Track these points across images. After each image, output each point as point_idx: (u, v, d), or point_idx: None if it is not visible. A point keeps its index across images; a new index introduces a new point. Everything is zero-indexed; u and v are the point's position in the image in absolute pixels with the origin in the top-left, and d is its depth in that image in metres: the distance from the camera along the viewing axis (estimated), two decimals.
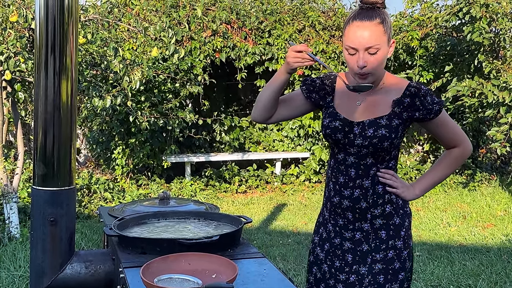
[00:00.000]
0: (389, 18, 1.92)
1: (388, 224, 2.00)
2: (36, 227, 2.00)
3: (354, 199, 1.99)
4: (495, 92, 6.55)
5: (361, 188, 1.98)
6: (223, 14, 7.89)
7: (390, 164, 2.01)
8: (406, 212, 2.05)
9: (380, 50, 1.87)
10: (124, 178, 7.82)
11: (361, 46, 1.86)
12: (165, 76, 7.32)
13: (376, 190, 1.98)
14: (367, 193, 1.97)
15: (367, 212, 1.99)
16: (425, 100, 1.94)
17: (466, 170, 8.87)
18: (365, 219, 1.99)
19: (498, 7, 6.89)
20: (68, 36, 1.94)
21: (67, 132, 1.98)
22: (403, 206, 2.04)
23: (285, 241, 5.58)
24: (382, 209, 1.99)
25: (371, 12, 1.87)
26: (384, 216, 2.00)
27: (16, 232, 5.16)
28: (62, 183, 1.99)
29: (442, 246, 5.44)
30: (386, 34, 1.88)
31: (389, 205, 2.00)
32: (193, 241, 1.80)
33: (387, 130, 1.93)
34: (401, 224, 2.02)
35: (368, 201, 1.98)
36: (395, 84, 1.99)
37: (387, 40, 1.89)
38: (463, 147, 2.07)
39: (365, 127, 1.95)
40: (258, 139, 9.23)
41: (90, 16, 5.33)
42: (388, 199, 2.00)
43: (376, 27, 1.86)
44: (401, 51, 8.43)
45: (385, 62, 1.94)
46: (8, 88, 5.17)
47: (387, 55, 1.92)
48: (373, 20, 1.86)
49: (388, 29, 1.88)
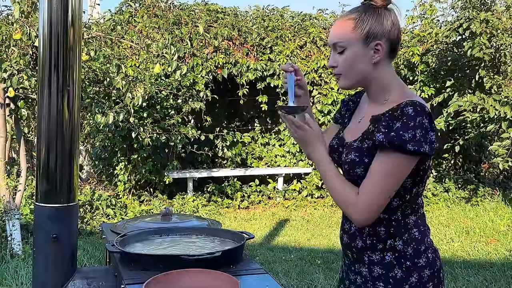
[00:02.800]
0: (378, 17, 1.64)
1: (387, 276, 1.66)
2: (39, 243, 2.00)
3: (351, 235, 1.73)
4: (496, 107, 6.56)
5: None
6: (225, 31, 7.95)
7: (393, 201, 1.63)
8: (417, 265, 1.64)
9: (348, 50, 1.64)
10: (126, 194, 7.82)
11: (329, 42, 1.70)
12: (168, 92, 7.36)
13: (376, 231, 1.66)
14: (362, 230, 1.68)
15: (363, 254, 1.69)
16: (400, 122, 1.55)
17: (469, 185, 8.85)
18: (363, 262, 1.70)
19: (498, 23, 6.93)
20: (72, 54, 1.95)
21: (69, 148, 1.99)
22: (413, 256, 1.65)
23: (287, 257, 5.56)
24: (381, 256, 1.66)
25: (357, 8, 1.67)
26: (383, 265, 1.66)
27: (18, 249, 5.15)
28: (64, 200, 1.99)
29: (446, 262, 5.41)
30: (356, 31, 1.62)
31: (390, 253, 1.65)
32: (195, 257, 1.79)
33: (357, 154, 1.64)
34: (403, 279, 1.64)
35: (365, 241, 1.68)
36: (397, 101, 1.63)
37: (360, 39, 1.62)
38: (356, 202, 1.60)
39: (346, 151, 1.71)
40: (260, 155, 9.24)
41: (93, 34, 5.38)
42: (390, 246, 1.65)
43: (344, 23, 1.65)
44: (402, 66, 8.47)
45: (362, 65, 1.65)
46: (12, 105, 5.20)
47: (363, 58, 1.64)
48: (346, 16, 1.66)
49: (363, 27, 1.62)
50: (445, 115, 7.44)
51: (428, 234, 1.73)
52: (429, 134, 1.55)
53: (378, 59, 1.65)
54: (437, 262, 1.70)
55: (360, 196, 1.60)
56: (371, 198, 1.58)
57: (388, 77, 1.69)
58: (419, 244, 1.66)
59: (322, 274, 4.94)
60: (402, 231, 1.66)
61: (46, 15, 1.92)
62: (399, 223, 1.66)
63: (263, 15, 8.94)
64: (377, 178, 1.57)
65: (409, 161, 1.56)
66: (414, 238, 1.66)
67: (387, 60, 1.68)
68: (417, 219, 1.70)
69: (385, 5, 1.65)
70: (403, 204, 1.65)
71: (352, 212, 1.62)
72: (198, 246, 2.06)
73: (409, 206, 1.67)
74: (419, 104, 1.56)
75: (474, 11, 7.16)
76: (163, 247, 2.06)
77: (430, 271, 1.66)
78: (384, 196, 1.58)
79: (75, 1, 1.95)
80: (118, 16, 7.67)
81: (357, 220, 1.62)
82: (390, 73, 1.70)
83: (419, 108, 1.55)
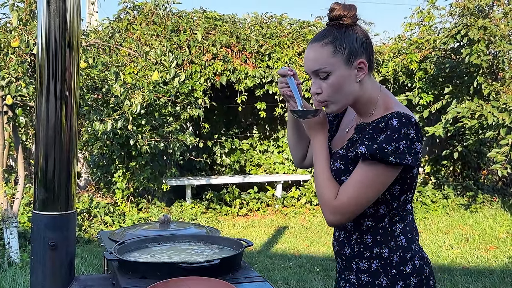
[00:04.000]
0: (353, 35, 1.62)
1: (373, 284, 1.67)
2: (36, 251, 1.99)
3: (340, 243, 1.75)
4: (495, 114, 6.57)
5: (345, 230, 1.73)
6: (223, 38, 7.96)
7: (380, 209, 1.65)
8: (403, 273, 1.65)
9: (332, 75, 1.60)
10: (124, 201, 7.80)
11: (308, 70, 1.64)
12: (166, 99, 7.36)
13: (363, 239, 1.68)
14: (350, 238, 1.71)
15: (351, 261, 1.72)
16: (384, 135, 1.55)
17: (468, 191, 8.85)
18: (351, 269, 1.73)
19: (496, 30, 6.95)
20: (70, 61, 1.95)
21: (68, 156, 1.98)
22: (399, 264, 1.65)
23: (286, 264, 5.54)
24: (368, 264, 1.68)
25: (328, 30, 1.63)
26: (370, 273, 1.68)
27: (16, 257, 5.13)
28: (62, 208, 1.98)
29: (445, 269, 5.39)
30: (338, 54, 1.59)
31: (377, 261, 1.66)
32: (193, 265, 1.78)
33: (343, 163, 1.66)
34: (389, 287, 1.66)
35: (352, 249, 1.70)
36: (382, 113, 1.63)
37: (342, 62, 1.59)
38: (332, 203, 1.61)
39: (333, 159, 1.72)
40: (258, 162, 9.23)
41: (91, 41, 5.38)
42: (377, 254, 1.66)
43: (322, 48, 1.60)
44: (401, 73, 8.48)
45: (349, 87, 1.63)
46: (10, 112, 5.19)
47: (349, 79, 1.61)
48: (321, 40, 1.61)
49: (343, 49, 1.59)
50: (444, 121, 7.45)
51: (417, 241, 1.72)
52: (414, 144, 1.55)
53: (363, 77, 1.64)
54: (426, 269, 1.69)
55: (338, 198, 1.60)
56: (347, 203, 1.59)
57: (371, 90, 1.68)
58: (406, 252, 1.66)
59: (321, 282, 4.92)
60: (389, 239, 1.66)
61: (44, 22, 1.92)
62: (385, 231, 1.66)
63: (261, 22, 8.96)
64: (357, 185, 1.58)
65: (391, 172, 1.57)
66: (400, 245, 1.66)
67: (368, 74, 1.66)
68: (405, 227, 1.69)
69: (354, 22, 1.63)
70: (390, 212, 1.66)
71: (326, 211, 1.63)
72: (197, 254, 2.06)
73: (397, 213, 1.67)
74: (404, 115, 1.56)
75: (472, 18, 7.18)
76: (162, 255, 2.05)
77: (417, 278, 1.66)
78: (361, 203, 1.59)
79: (74, 9, 1.95)
80: (116, 24, 7.68)
81: (329, 219, 1.64)
82: (372, 86, 1.69)
83: (404, 119, 1.55)
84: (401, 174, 1.60)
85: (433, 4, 8.02)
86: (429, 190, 8.69)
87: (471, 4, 7.26)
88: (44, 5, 1.88)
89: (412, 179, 1.65)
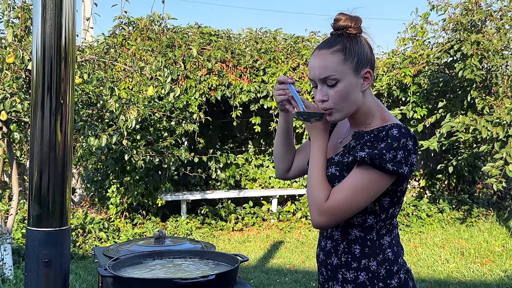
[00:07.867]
0: (360, 45, 1.64)
1: None
2: (30, 268, 1.97)
3: (326, 252, 1.74)
4: (488, 128, 6.60)
5: (332, 240, 1.72)
6: (218, 53, 8.00)
7: (368, 219, 1.66)
8: (389, 286, 1.65)
9: (341, 82, 1.61)
10: (119, 217, 7.76)
11: (315, 77, 1.64)
12: (161, 114, 7.37)
13: (351, 249, 1.67)
14: (337, 247, 1.70)
15: (338, 271, 1.70)
16: (384, 143, 1.57)
17: (463, 205, 8.85)
18: (337, 279, 1.71)
19: (489, 45, 7.01)
20: (65, 77, 1.96)
21: (62, 172, 1.98)
22: (385, 277, 1.65)
23: (282, 279, 5.52)
24: (355, 275, 1.67)
25: (335, 39, 1.64)
26: (356, 285, 1.67)
27: (9, 273, 5.08)
28: (57, 224, 1.97)
29: (441, 283, 5.38)
30: (348, 62, 1.61)
31: (364, 273, 1.65)
32: (189, 280, 1.77)
33: (338, 168, 1.66)
34: None
35: (339, 258, 1.70)
36: (378, 124, 1.67)
37: (351, 70, 1.61)
38: (322, 204, 1.61)
39: (327, 165, 1.71)
40: (254, 176, 9.22)
41: (86, 57, 5.39)
42: (364, 266, 1.66)
43: (332, 55, 1.61)
44: (395, 87, 8.53)
45: (355, 96, 1.64)
46: (4, 128, 5.18)
47: (356, 88, 1.63)
48: (330, 48, 1.62)
49: (352, 57, 1.61)
50: (438, 135, 7.48)
51: (402, 255, 1.74)
52: (411, 156, 1.58)
53: (368, 86, 1.66)
54: (410, 283, 1.72)
55: (329, 200, 1.61)
56: (337, 205, 1.59)
57: (370, 102, 1.71)
58: (392, 265, 1.67)
59: None
60: (377, 252, 1.67)
61: (39, 38, 1.92)
62: (373, 244, 1.67)
63: (256, 37, 9.01)
64: (350, 189, 1.59)
65: (386, 179, 1.58)
66: (387, 258, 1.67)
67: (370, 86, 1.69)
68: (392, 240, 1.70)
69: (359, 33, 1.66)
70: (377, 223, 1.67)
71: (314, 211, 1.63)
72: (192, 270, 2.05)
73: (384, 226, 1.68)
74: (404, 126, 1.61)
75: (465, 33, 7.24)
76: (157, 270, 2.04)
77: None
78: (350, 207, 1.59)
79: (69, 25, 1.96)
80: (111, 39, 7.70)
81: (315, 220, 1.63)
82: (372, 97, 1.72)
83: (404, 130, 1.58)
84: (392, 186, 1.62)
85: (426, 19, 8.09)
86: (424, 204, 8.69)
87: (464, 19, 7.32)
88: (40, 21, 1.89)
89: (402, 193, 1.68)
